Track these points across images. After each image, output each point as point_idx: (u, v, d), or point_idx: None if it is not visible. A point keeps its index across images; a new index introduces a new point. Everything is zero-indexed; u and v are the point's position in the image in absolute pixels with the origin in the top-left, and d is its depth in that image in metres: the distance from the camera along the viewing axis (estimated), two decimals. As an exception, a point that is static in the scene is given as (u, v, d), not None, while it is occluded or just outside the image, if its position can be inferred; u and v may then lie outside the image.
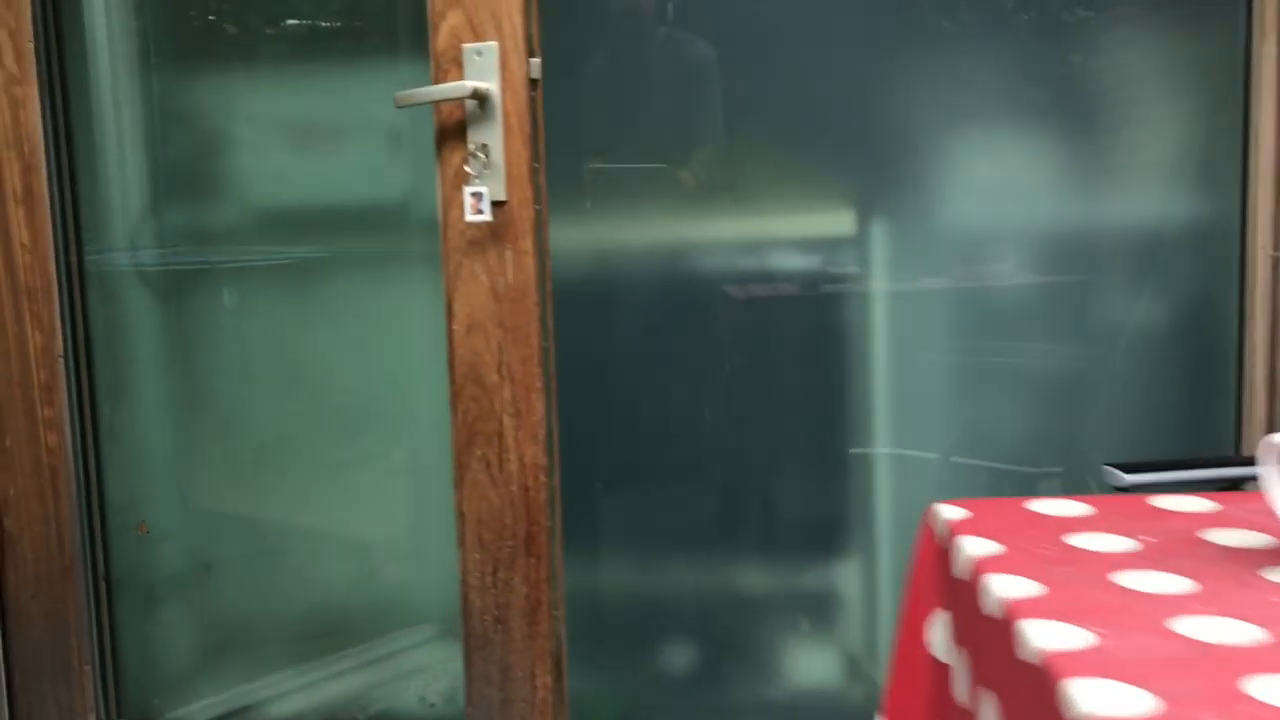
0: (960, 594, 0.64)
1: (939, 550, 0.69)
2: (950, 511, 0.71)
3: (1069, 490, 1.68)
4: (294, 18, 1.59)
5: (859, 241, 1.57)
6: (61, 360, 1.50)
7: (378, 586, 1.67)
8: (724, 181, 1.58)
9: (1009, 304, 1.64)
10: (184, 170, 1.62)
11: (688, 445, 1.65)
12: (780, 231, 1.59)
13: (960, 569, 0.64)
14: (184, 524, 1.67)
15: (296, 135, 1.63)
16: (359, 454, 1.65)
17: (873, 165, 1.60)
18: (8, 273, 1.49)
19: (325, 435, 1.66)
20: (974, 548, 0.64)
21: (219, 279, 1.63)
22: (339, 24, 1.59)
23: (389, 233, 1.61)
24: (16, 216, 1.48)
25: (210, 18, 1.59)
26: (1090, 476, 1.66)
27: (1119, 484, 1.14)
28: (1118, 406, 1.63)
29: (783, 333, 1.63)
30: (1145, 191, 1.56)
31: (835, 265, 1.59)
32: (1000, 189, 1.60)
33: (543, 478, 1.31)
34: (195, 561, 1.68)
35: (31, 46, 1.44)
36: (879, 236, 1.61)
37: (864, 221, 1.57)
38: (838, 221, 1.62)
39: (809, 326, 1.63)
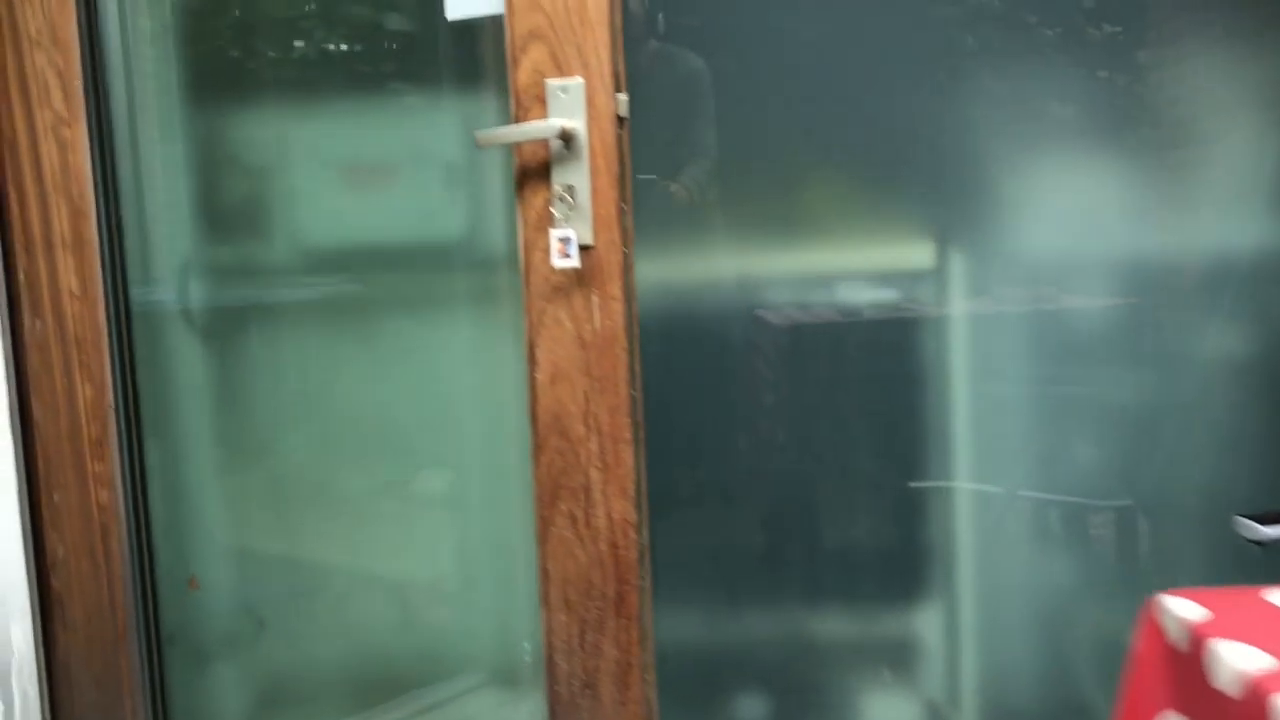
0: (1224, 709, 0.58)
1: (1170, 649, 0.63)
2: (1185, 608, 0.65)
3: (1149, 525, 1.63)
4: (346, 51, 1.53)
5: (928, 270, 1.51)
6: (113, 413, 1.43)
7: (429, 631, 1.61)
8: (788, 209, 1.52)
9: (1082, 332, 1.58)
10: (232, 209, 1.55)
11: (754, 485, 1.58)
12: (849, 262, 1.53)
13: (1226, 682, 0.58)
14: (236, 576, 1.60)
15: (348, 171, 1.56)
16: (414, 499, 1.59)
17: (942, 192, 1.54)
18: (56, 323, 1.42)
19: (378, 480, 1.59)
20: (1241, 659, 0.58)
21: (269, 321, 1.56)
22: (391, 57, 1.52)
23: (444, 270, 1.55)
24: (65, 263, 1.41)
25: (257, 53, 1.52)
26: (1165, 510, 1.61)
27: (1258, 538, 1.08)
28: (1195, 437, 1.57)
29: (851, 366, 1.57)
30: (1225, 214, 1.51)
31: (904, 295, 1.53)
32: (1073, 214, 1.55)
33: (633, 534, 1.25)
34: (248, 615, 1.61)
35: (80, 86, 1.37)
36: (948, 265, 1.55)
37: (934, 250, 1.51)
38: (906, 250, 1.57)
39: (879, 359, 1.57)
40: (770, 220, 1.54)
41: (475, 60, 1.48)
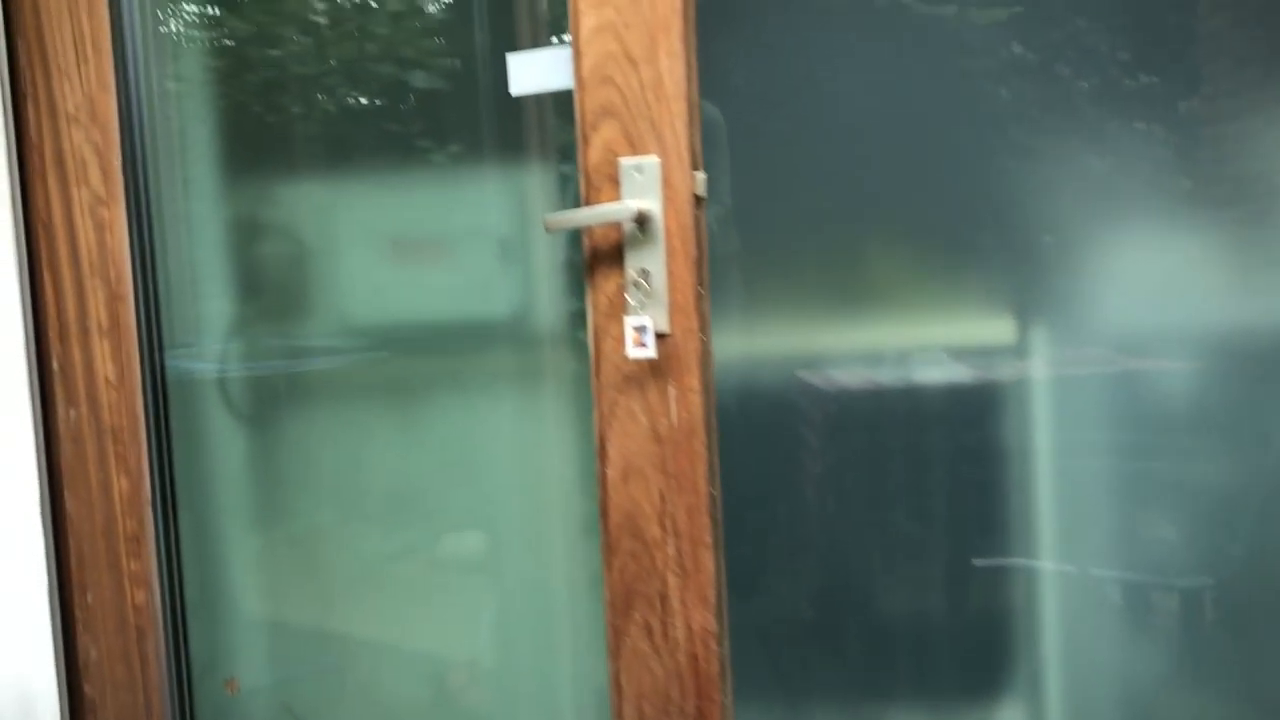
0: None
1: None
2: None
3: (1239, 607, 1.53)
4: (394, 121, 1.45)
5: (1006, 344, 1.42)
6: (150, 507, 1.34)
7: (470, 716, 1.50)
8: (860, 281, 1.43)
9: (1164, 406, 1.49)
10: (274, 286, 1.47)
11: (822, 572, 1.49)
12: (925, 336, 1.45)
13: None
14: (277, 677, 1.50)
15: (394, 246, 1.48)
16: (456, 586, 1.49)
17: (1021, 261, 1.45)
18: (91, 412, 1.33)
19: (426, 574, 1.49)
20: None
21: (312, 403, 1.48)
22: (441, 126, 1.45)
23: (493, 348, 1.46)
24: (101, 350, 1.33)
25: (301, 124, 1.45)
26: (1251, 590, 1.50)
27: None
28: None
29: (922, 443, 1.48)
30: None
31: (983, 369, 1.44)
32: (1159, 282, 1.46)
33: (714, 645, 1.15)
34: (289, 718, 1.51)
35: (119, 164, 1.30)
36: (1027, 337, 1.46)
37: (1011, 322, 1.42)
38: (983, 323, 1.48)
39: (959, 435, 1.47)
40: (816, 290, 1.45)
41: (530, 131, 1.41)
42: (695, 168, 1.14)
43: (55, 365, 1.34)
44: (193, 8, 1.44)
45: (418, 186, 1.46)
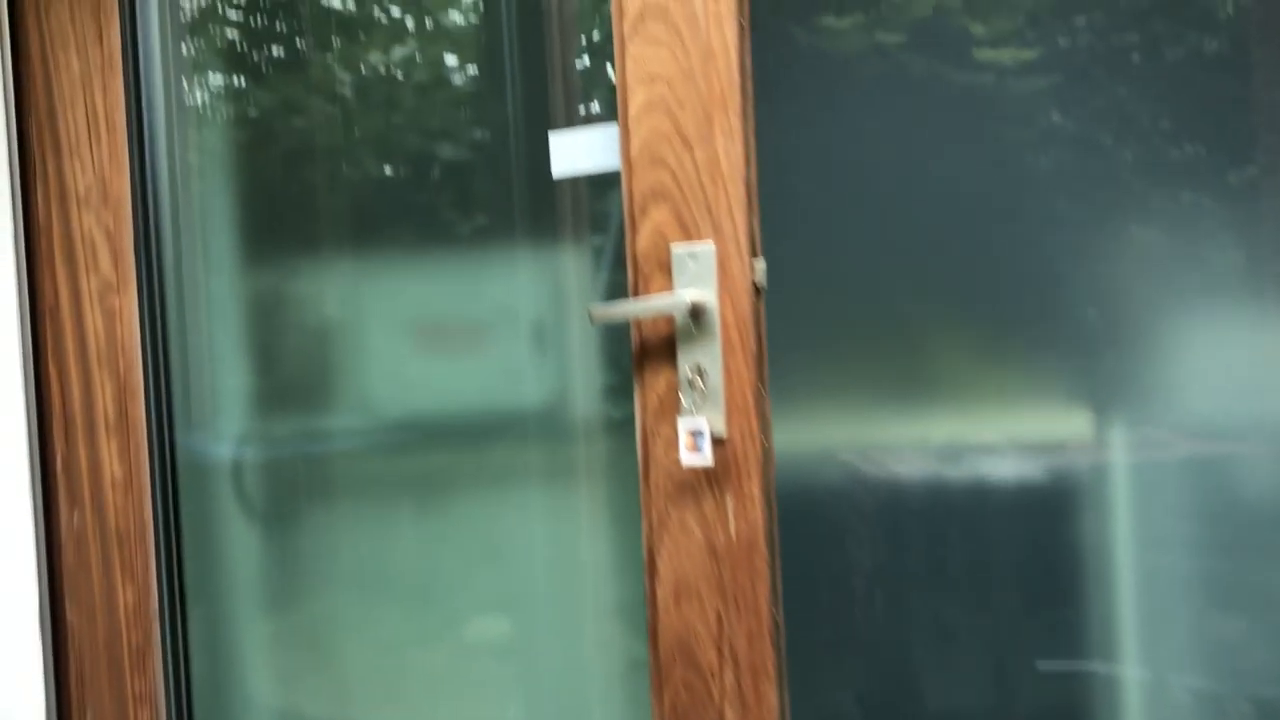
0: None
1: None
2: None
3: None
4: (419, 201, 1.36)
5: (1078, 439, 1.30)
6: (158, 620, 1.23)
7: None
8: (912, 371, 1.32)
9: (1252, 503, 1.36)
10: (294, 377, 1.37)
11: (885, 675, 1.35)
12: (984, 427, 1.33)
13: None
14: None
15: (421, 331, 1.38)
16: (485, 689, 1.37)
17: (1093, 350, 1.34)
18: (96, 515, 1.23)
19: (447, 681, 1.37)
20: None
21: (333, 502, 1.37)
22: (471, 204, 1.36)
23: (525, 441, 1.36)
24: (109, 448, 1.22)
25: (325, 204, 1.36)
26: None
27: None
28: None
29: (990, 540, 1.35)
30: None
31: (1054, 466, 1.32)
32: (1226, 365, 1.34)
33: (778, 788, 1.02)
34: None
35: (131, 248, 1.21)
36: (1100, 431, 1.35)
37: (1084, 414, 1.31)
38: (1054, 417, 1.36)
39: (1025, 533, 1.35)
40: (865, 378, 1.34)
41: (565, 207, 1.31)
42: (754, 254, 1.04)
43: (59, 463, 1.24)
44: (214, 80, 1.37)
45: (446, 268, 1.37)
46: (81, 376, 1.23)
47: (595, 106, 1.32)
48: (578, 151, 1.11)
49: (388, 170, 1.35)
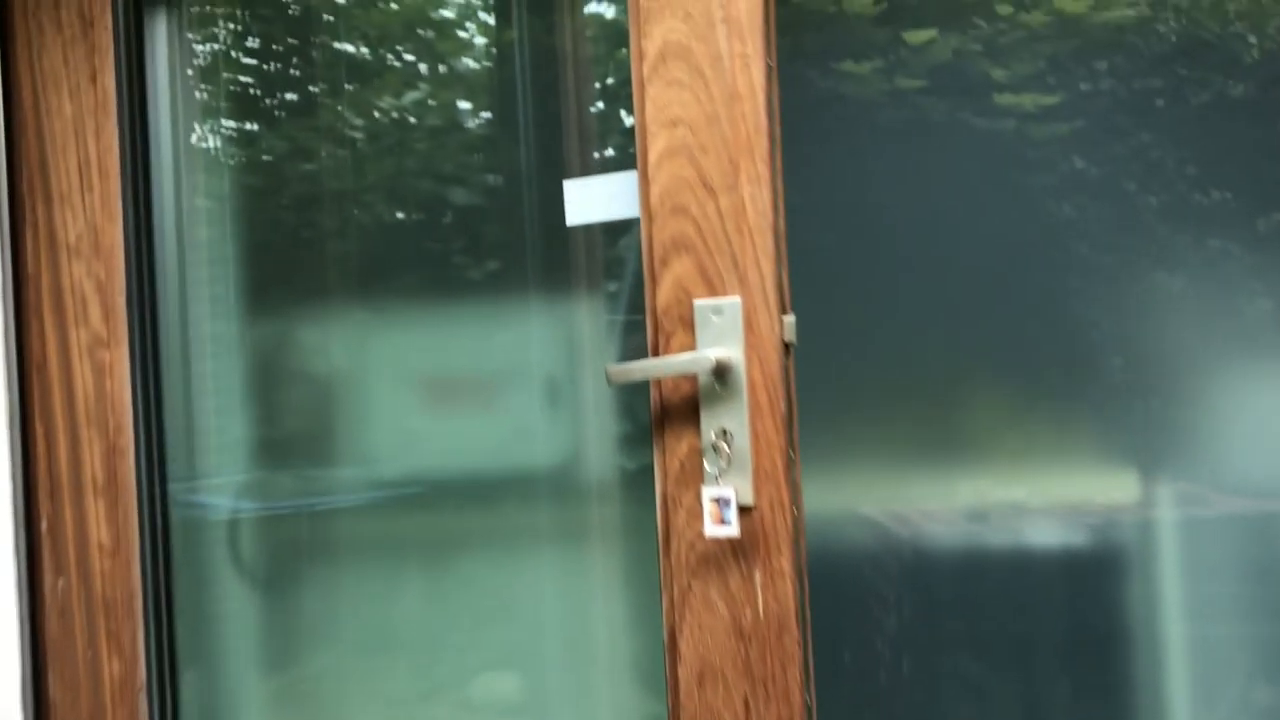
0: None
1: None
2: None
3: None
4: (426, 249, 1.30)
5: (1126, 504, 1.22)
6: (145, 696, 1.15)
7: None
8: (950, 430, 1.25)
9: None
10: (296, 435, 1.30)
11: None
12: (1029, 491, 1.25)
13: None
14: None
15: (428, 386, 1.31)
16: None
17: (1127, 404, 1.27)
18: (82, 583, 1.16)
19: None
20: None
21: (335, 566, 1.29)
22: (480, 253, 1.29)
23: (536, 502, 1.28)
24: (95, 511, 1.15)
25: (330, 254, 1.29)
26: None
27: None
28: None
29: (1036, 612, 1.27)
30: None
31: (1093, 527, 1.24)
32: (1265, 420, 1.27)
33: None
34: None
35: (124, 301, 1.15)
36: (1151, 497, 1.27)
37: (1121, 472, 1.23)
38: (1090, 476, 1.29)
39: (1072, 603, 1.27)
40: (892, 437, 1.27)
41: (579, 256, 1.24)
42: (784, 309, 0.97)
43: (44, 527, 1.17)
44: (214, 125, 1.31)
45: (455, 319, 1.30)
46: (69, 435, 1.17)
47: (612, 152, 1.26)
48: (594, 200, 1.04)
49: (395, 217, 1.29)
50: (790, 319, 0.97)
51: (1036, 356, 1.26)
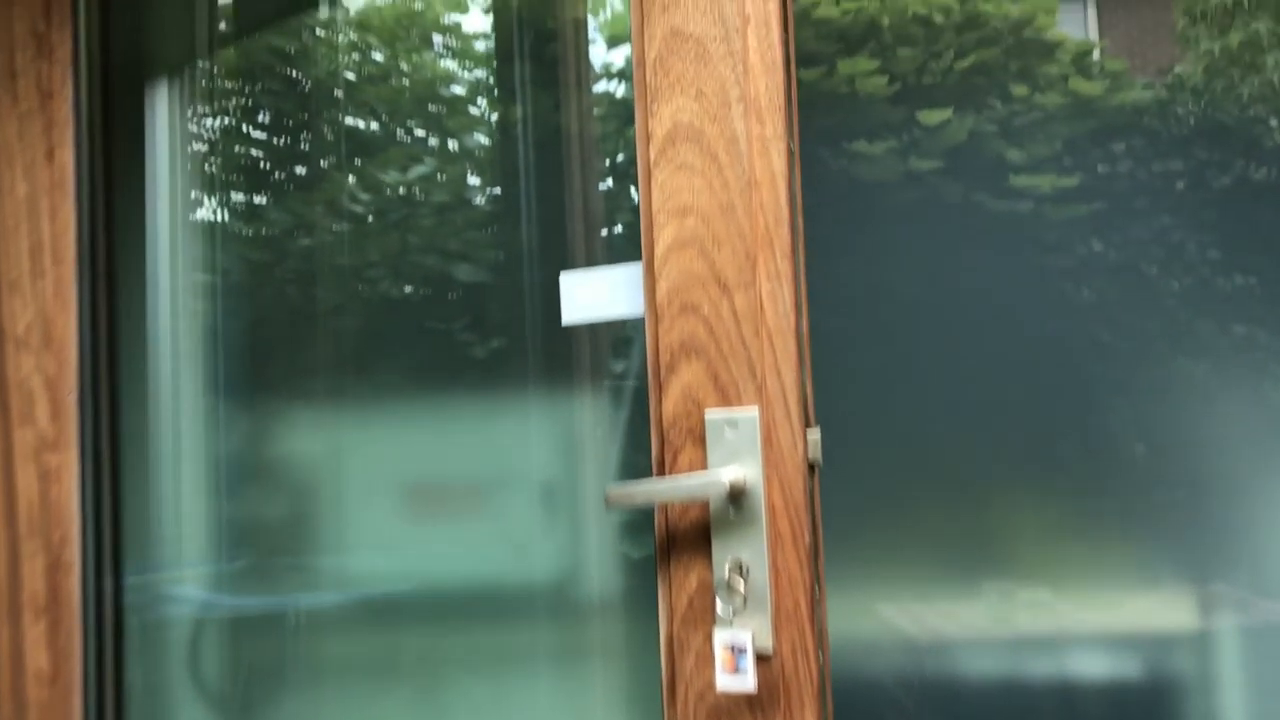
0: None
1: None
2: None
3: None
4: (407, 339, 1.18)
5: (1186, 631, 1.10)
6: (80, 847, 1.01)
7: None
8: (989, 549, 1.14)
9: None
10: (268, 543, 1.18)
11: None
12: (1088, 620, 1.15)
13: None
14: None
15: (412, 491, 1.19)
16: None
17: (1166, 504, 1.17)
18: (17, 715, 1.02)
19: None
20: None
21: (307, 688, 1.15)
22: (471, 351, 1.18)
23: (526, 618, 1.15)
24: (34, 633, 1.03)
25: (297, 348, 1.18)
26: None
27: None
28: None
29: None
30: None
31: (1155, 662, 1.12)
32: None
33: None
34: None
35: (75, 399, 1.03)
36: (1214, 624, 1.16)
37: (1192, 604, 1.12)
38: (1157, 607, 1.18)
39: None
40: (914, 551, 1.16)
41: (580, 352, 1.13)
42: (807, 423, 0.84)
43: (-23, 650, 1.04)
44: (181, 208, 1.21)
45: (440, 417, 1.18)
46: (8, 549, 1.04)
47: (621, 229, 1.16)
48: (594, 294, 0.93)
49: (379, 305, 1.18)
50: (815, 434, 0.85)
51: (1056, 452, 1.18)
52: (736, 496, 0.83)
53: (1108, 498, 1.18)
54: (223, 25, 1.31)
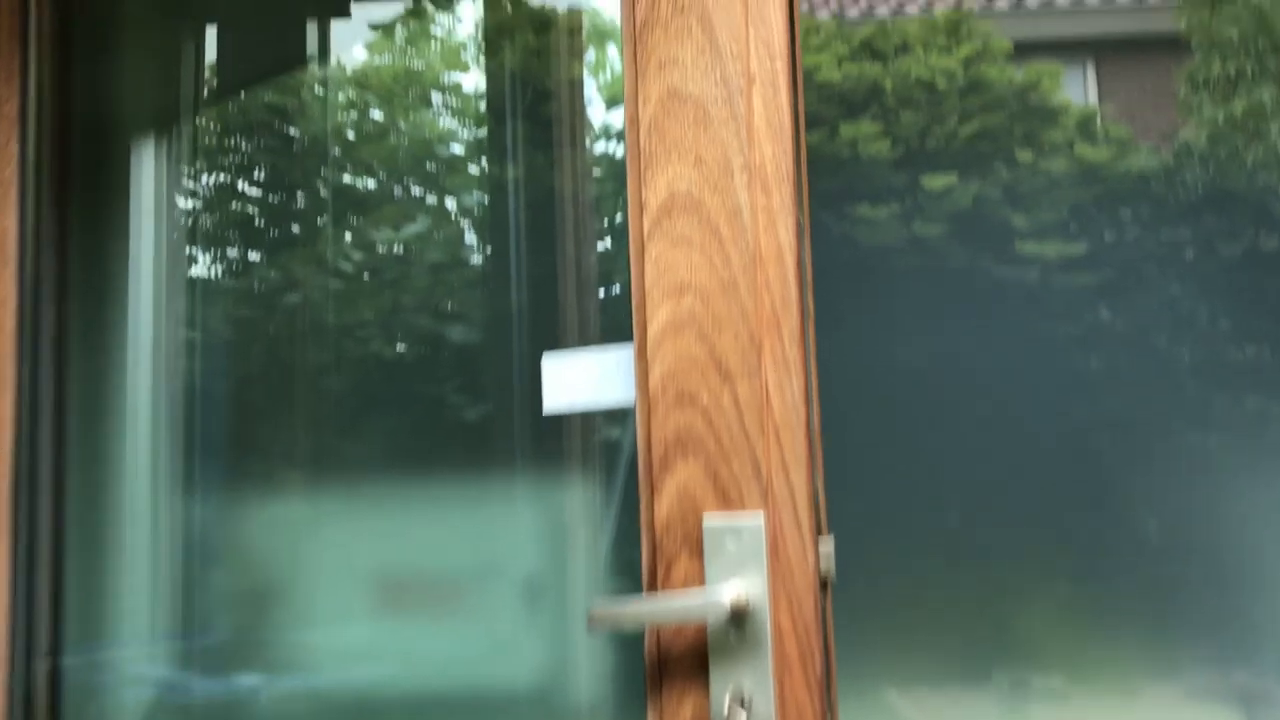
0: None
1: None
2: None
3: None
4: (376, 423, 1.09)
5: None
6: None
7: None
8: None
9: None
10: (224, 642, 1.08)
11: None
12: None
13: None
14: None
15: (383, 587, 1.10)
16: None
17: (1180, 581, 1.12)
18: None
19: None
20: None
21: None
22: (447, 438, 1.09)
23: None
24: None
25: (263, 430, 1.09)
26: None
27: None
28: None
29: None
30: None
31: None
32: None
33: None
34: None
35: (8, 486, 0.93)
36: (1238, 714, 1.07)
37: (1215, 693, 1.04)
38: (1178, 696, 1.11)
39: None
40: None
41: (570, 437, 1.05)
42: (819, 531, 0.74)
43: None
44: (153, 269, 1.12)
45: (415, 506, 1.09)
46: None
47: (616, 305, 1.08)
48: (581, 379, 0.83)
49: (346, 386, 1.09)
50: (828, 545, 0.75)
51: (1067, 531, 1.13)
52: (739, 618, 0.73)
53: (1121, 579, 1.13)
54: (198, 88, 1.24)
